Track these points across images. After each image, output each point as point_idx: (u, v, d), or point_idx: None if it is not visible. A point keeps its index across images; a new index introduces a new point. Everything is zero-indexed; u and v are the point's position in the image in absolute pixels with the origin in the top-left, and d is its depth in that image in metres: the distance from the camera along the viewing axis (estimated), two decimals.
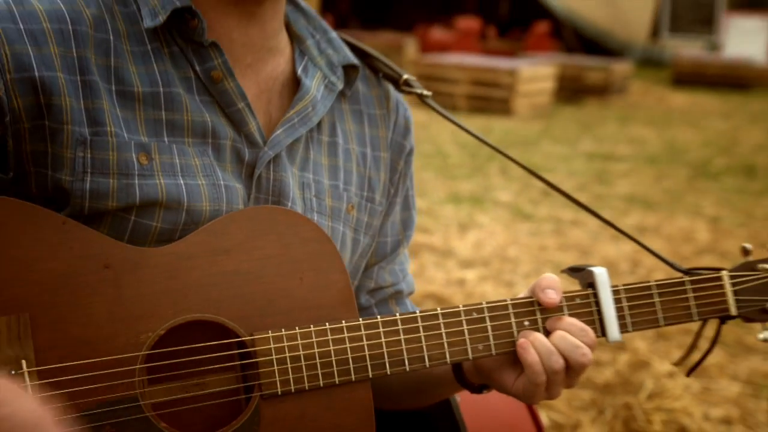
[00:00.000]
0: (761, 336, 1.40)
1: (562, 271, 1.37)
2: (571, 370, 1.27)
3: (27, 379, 1.12)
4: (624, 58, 19.33)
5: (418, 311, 1.30)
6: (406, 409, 1.61)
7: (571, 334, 1.27)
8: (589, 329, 1.29)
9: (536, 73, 13.11)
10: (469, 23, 18.77)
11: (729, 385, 3.87)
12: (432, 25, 19.81)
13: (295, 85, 1.37)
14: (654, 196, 7.70)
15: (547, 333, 1.30)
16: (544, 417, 3.29)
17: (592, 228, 6.26)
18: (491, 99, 12.34)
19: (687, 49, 22.04)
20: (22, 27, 1.17)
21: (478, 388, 1.38)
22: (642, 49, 23.18)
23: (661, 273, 5.29)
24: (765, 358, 4.14)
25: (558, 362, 1.26)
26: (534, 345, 1.27)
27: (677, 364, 1.48)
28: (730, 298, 1.38)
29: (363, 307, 1.48)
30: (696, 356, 1.44)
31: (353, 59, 1.42)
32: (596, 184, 8.08)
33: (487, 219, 6.43)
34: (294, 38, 1.40)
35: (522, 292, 1.37)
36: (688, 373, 1.54)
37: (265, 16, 1.31)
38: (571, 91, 14.54)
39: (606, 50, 21.37)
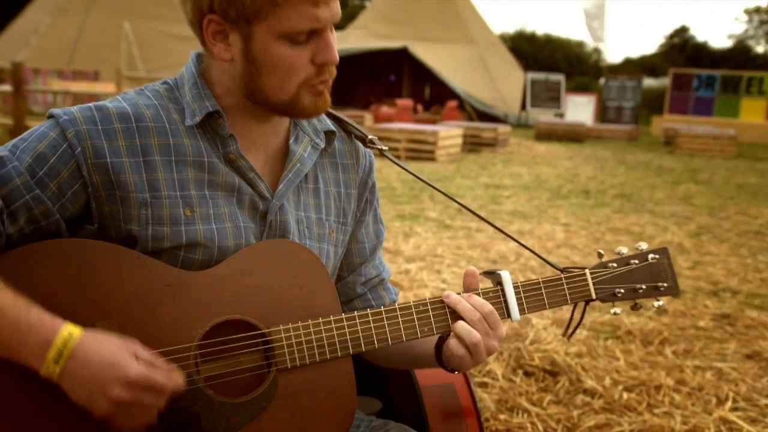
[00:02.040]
0: (613, 311, 1.40)
1: (481, 273, 1.33)
2: (491, 331, 1.26)
3: None
4: (505, 123, 19.51)
5: (382, 308, 1.27)
6: (397, 368, 1.59)
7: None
8: (495, 311, 1.27)
9: (450, 133, 13.16)
10: (405, 103, 18.81)
11: (580, 332, 3.87)
12: (381, 104, 19.82)
13: (287, 150, 1.33)
14: (528, 211, 7.73)
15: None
16: None
17: (489, 233, 6.28)
18: (421, 150, 12.35)
19: (543, 116, 22.32)
20: (99, 127, 1.16)
21: (450, 371, 1.33)
22: (515, 117, 23.46)
23: (536, 260, 5.34)
24: (602, 314, 4.17)
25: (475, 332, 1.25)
26: (462, 322, 1.25)
27: (564, 334, 1.47)
28: (591, 288, 1.37)
29: (359, 294, 1.45)
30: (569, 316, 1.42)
31: (331, 126, 1.39)
32: (491, 204, 8.10)
33: (421, 229, 6.41)
34: None
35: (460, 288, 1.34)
36: (569, 338, 1.54)
37: (270, 117, 1.28)
38: (472, 144, 14.63)
39: (493, 118, 21.56)
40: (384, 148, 1.44)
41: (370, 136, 1.43)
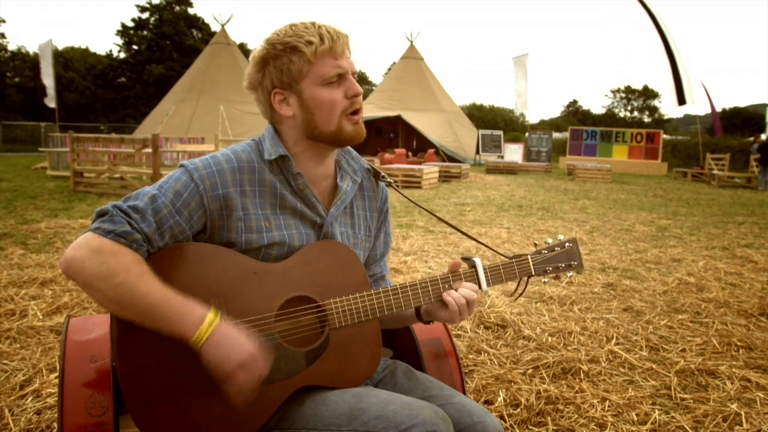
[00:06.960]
0: (543, 280, 1.37)
1: (461, 258, 1.31)
2: (469, 305, 1.23)
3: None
4: (466, 162, 19.42)
5: (398, 285, 1.22)
6: (390, 329, 1.55)
7: (467, 288, 1.24)
8: (475, 287, 1.25)
9: (430, 170, 13.08)
10: (401, 151, 18.62)
11: (519, 298, 3.85)
12: (385, 152, 19.76)
13: (336, 186, 1.30)
14: (483, 219, 7.67)
15: (455, 290, 1.24)
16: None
17: (458, 236, 6.24)
18: (412, 181, 12.28)
19: (490, 158, 22.14)
20: (214, 169, 1.14)
21: (426, 322, 1.32)
22: (472, 159, 23.28)
23: (490, 252, 5.30)
24: (533, 286, 4.12)
25: (463, 301, 1.22)
26: (451, 295, 1.23)
27: (512, 297, 1.45)
28: (532, 268, 1.34)
29: None
30: (518, 289, 1.40)
31: (366, 165, 1.36)
32: (459, 215, 8.03)
33: (414, 234, 6.35)
34: (336, 160, 1.33)
35: (441, 272, 1.31)
36: (515, 300, 1.50)
37: (325, 160, 1.26)
38: (445, 177, 14.54)
39: (458, 160, 21.45)
40: (391, 181, 1.42)
41: (382, 174, 1.41)
